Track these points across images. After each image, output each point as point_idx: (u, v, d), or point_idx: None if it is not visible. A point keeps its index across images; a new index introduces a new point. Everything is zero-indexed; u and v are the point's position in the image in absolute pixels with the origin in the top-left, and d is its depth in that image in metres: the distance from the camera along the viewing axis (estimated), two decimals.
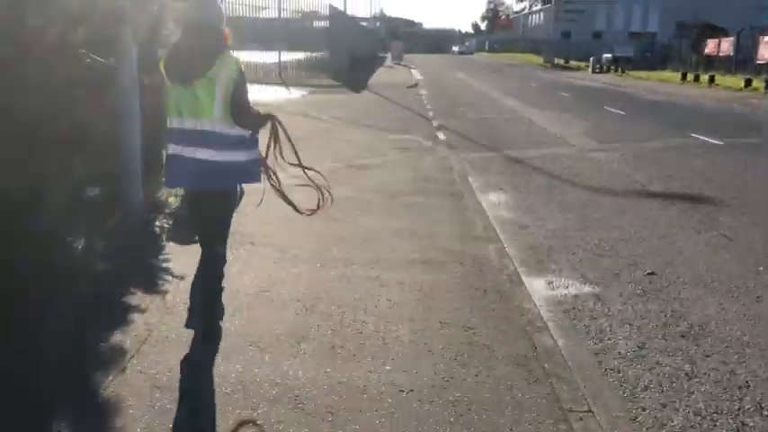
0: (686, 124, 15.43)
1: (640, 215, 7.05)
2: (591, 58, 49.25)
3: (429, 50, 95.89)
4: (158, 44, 5.40)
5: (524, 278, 4.96)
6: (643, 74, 42.39)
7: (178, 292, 4.19)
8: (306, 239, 5.51)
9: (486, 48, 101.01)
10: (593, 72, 47.20)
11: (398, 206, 6.94)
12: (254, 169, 3.46)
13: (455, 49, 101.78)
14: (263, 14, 26.53)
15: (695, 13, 79.26)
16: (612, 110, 19.02)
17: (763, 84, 27.36)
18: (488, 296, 4.44)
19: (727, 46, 37.94)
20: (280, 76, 25.98)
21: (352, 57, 36.48)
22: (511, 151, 11.26)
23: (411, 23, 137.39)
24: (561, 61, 63.04)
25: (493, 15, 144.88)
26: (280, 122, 3.56)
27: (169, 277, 4.51)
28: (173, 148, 3.36)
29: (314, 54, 29.53)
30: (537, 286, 4.88)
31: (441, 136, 12.69)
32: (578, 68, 55.49)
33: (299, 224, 5.20)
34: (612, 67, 47.27)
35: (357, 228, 6.02)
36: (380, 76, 34.95)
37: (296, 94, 20.75)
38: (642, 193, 8.22)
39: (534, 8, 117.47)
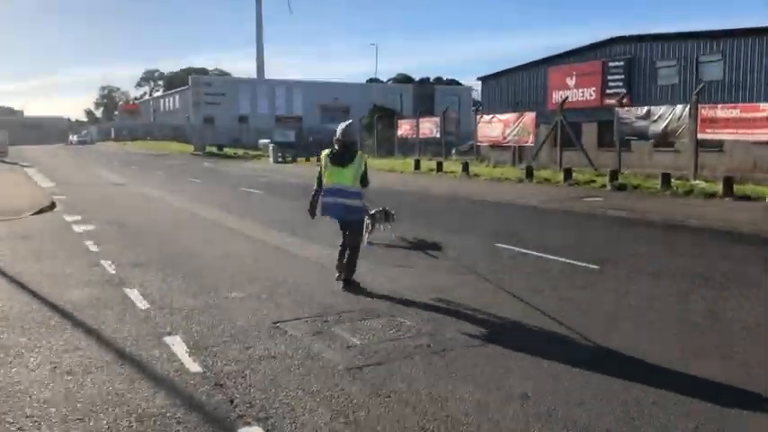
0: None
1: None
2: (271, 146, 41.08)
3: (37, 141, 78.02)
4: None
5: None
6: None
7: None
8: None
9: (113, 136, 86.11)
10: (277, 162, 38.94)
11: None
12: (363, 208, 7.65)
13: (73, 138, 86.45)
14: None
15: (335, 96, 79.28)
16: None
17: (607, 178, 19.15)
18: None
19: (430, 127, 33.53)
20: None
21: None
22: None
23: (9, 111, 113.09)
24: (214, 149, 53.95)
25: (109, 102, 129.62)
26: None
27: None
28: (330, 198, 7.14)
29: None
30: None
31: None
32: (251, 157, 46.90)
33: None
34: (299, 157, 39.52)
35: None
36: None
37: None
38: None
39: (156, 93, 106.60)
